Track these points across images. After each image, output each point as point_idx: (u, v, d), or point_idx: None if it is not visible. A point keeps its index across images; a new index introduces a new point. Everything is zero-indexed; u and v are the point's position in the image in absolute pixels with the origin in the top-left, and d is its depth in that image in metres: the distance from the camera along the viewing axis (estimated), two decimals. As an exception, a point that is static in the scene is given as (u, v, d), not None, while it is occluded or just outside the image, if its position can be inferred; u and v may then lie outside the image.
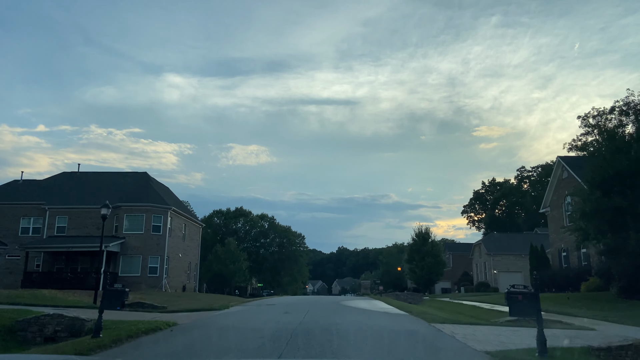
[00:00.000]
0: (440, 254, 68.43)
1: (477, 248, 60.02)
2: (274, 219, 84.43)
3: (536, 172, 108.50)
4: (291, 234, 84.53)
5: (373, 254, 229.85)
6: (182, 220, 48.76)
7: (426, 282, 67.47)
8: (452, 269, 78.58)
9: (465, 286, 59.00)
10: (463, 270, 76.59)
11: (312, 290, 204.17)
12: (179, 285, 47.56)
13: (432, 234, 70.99)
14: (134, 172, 49.88)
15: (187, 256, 50.35)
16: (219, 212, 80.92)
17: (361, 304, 26.30)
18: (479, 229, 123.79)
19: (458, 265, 79.81)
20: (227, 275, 60.54)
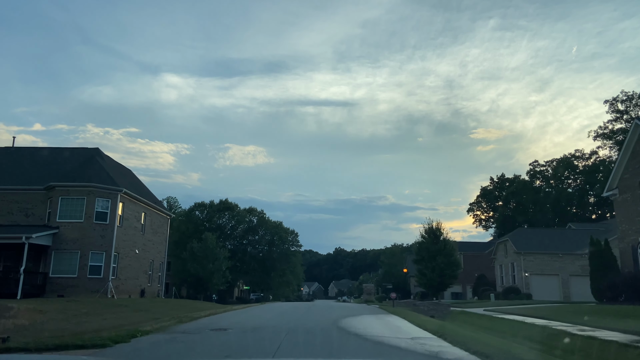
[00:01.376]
0: (454, 253, 58.17)
1: (501, 246, 49.77)
2: (263, 214, 74.24)
3: (550, 167, 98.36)
4: (283, 231, 74.21)
5: (371, 255, 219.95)
6: (141, 207, 38.36)
7: (437, 286, 57.19)
8: (463, 271, 68.45)
9: (485, 291, 48.74)
10: (478, 273, 66.27)
11: (307, 293, 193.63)
12: (134, 289, 37.16)
13: (443, 230, 60.96)
14: (82, 148, 39.49)
15: (149, 253, 39.95)
16: (201, 204, 70.63)
17: (374, 326, 15.96)
18: (486, 228, 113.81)
19: (470, 266, 69.59)
20: (203, 276, 50.20)
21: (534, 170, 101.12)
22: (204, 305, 35.47)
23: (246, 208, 73.28)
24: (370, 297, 42.59)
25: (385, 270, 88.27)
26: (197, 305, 33.44)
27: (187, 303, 35.89)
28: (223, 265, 51.86)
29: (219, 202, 70.36)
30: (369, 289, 43.17)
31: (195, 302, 38.60)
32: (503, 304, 35.00)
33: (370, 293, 43.09)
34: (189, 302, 39.51)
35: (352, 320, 18.00)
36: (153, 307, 27.41)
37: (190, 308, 28.75)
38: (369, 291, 42.87)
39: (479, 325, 20.13)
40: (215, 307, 31.86)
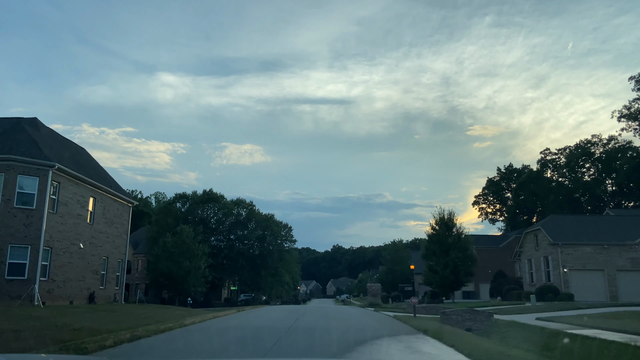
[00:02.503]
0: (470, 247, 50.11)
1: (529, 237, 41.53)
2: (252, 205, 65.82)
3: (563, 155, 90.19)
4: (274, 224, 65.95)
5: (370, 252, 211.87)
6: (88, 191, 30.02)
7: (451, 284, 49.17)
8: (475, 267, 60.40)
9: (510, 290, 40.60)
10: (493, 269, 58.16)
11: (305, 292, 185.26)
12: (78, 293, 28.85)
13: (456, 220, 52.80)
14: (12, 118, 31.00)
15: (101, 248, 31.62)
16: (182, 195, 62.30)
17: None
18: (493, 221, 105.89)
19: (483, 262, 61.41)
20: (178, 276, 41.95)
21: (544, 159, 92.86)
22: (165, 313, 27.17)
23: (233, 199, 65.00)
24: (375, 299, 34.46)
25: (387, 267, 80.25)
26: (151, 313, 25.11)
27: (144, 311, 27.58)
28: (202, 263, 43.58)
29: (202, 192, 62.16)
30: (375, 290, 35.05)
31: (158, 309, 30.29)
32: (550, 308, 26.78)
33: (376, 294, 34.94)
34: (150, 308, 31.21)
35: (364, 351, 9.84)
36: (76, 320, 19.05)
37: (129, 319, 20.48)
38: (374, 292, 34.76)
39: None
40: (169, 317, 23.54)
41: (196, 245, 44.27)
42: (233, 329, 16.69)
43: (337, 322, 18.79)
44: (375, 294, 35.01)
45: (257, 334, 13.98)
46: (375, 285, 35.51)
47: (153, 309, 31.02)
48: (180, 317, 24.13)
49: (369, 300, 34.96)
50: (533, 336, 15.90)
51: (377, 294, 35.04)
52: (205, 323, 19.12)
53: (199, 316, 24.80)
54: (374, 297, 34.87)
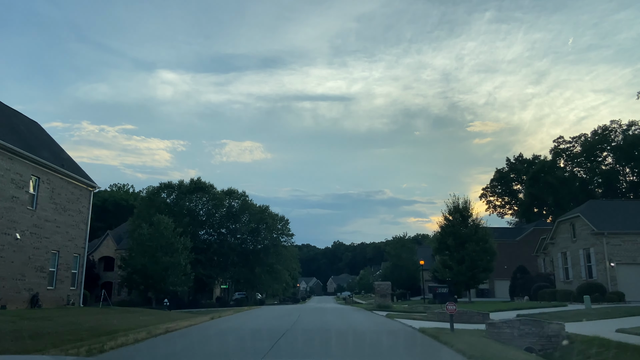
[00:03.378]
0: (489, 239, 44.00)
1: (563, 227, 35.25)
2: (245, 196, 59.64)
3: (578, 143, 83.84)
4: (270, 217, 59.78)
5: (371, 248, 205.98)
6: (29, 168, 23.86)
7: (467, 281, 43.09)
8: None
9: (541, 288, 34.45)
10: (510, 264, 52.09)
11: (305, 289, 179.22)
12: (15, 295, 22.71)
13: (473, 209, 46.66)
14: None
15: (48, 240, 25.48)
16: (167, 185, 56.15)
17: None
18: (502, 215, 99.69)
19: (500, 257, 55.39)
20: (154, 273, 35.84)
21: (558, 148, 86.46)
22: (123, 320, 21.05)
23: (224, 190, 58.78)
24: (385, 299, 28.19)
25: (392, 263, 74.19)
26: (99, 322, 18.94)
27: (94, 318, 21.41)
28: (182, 259, 37.43)
29: (190, 181, 55.90)
30: (384, 289, 28.79)
31: (118, 315, 24.15)
32: (613, 313, 20.62)
33: (386, 294, 28.65)
34: (110, 314, 25.09)
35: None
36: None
37: (52, 333, 14.39)
38: (383, 291, 28.55)
39: None
40: (121, 326, 17.39)
41: (176, 238, 38.12)
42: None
43: (342, 342, 12.64)
44: (384, 293, 28.87)
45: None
46: (384, 284, 29.36)
47: (112, 314, 24.91)
48: (132, 328, 18.03)
49: (377, 302, 28.89)
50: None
51: (387, 293, 28.90)
52: (140, 344, 12.90)
53: (159, 325, 18.65)
54: (383, 297, 28.73)
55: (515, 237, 58.58)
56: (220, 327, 17.29)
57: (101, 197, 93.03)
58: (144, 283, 37.09)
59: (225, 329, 16.87)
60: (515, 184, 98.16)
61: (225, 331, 16.54)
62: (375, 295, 30.18)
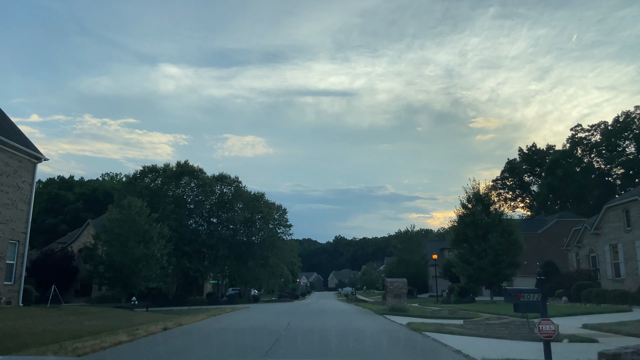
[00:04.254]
0: (515, 230, 37.90)
1: (613, 214, 28.84)
2: (238, 182, 53.45)
3: (598, 131, 77.50)
4: (265, 206, 53.74)
5: (373, 243, 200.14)
6: None
7: (490, 277, 36.99)
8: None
9: (584, 287, 28.37)
10: (534, 259, 46.01)
11: (305, 284, 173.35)
12: None
13: (493, 196, 40.45)
14: None
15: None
16: (152, 169, 49.97)
17: None
18: (513, 208, 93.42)
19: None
20: (122, 266, 29.82)
21: (575, 137, 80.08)
22: (44, 325, 15.06)
23: (215, 175, 52.71)
24: (400, 301, 22.06)
25: (398, 257, 68.13)
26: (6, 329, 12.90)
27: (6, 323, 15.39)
28: (157, 249, 31.32)
29: (176, 164, 49.83)
30: (399, 287, 22.62)
31: (47, 319, 18.17)
32: None
33: (401, 294, 22.52)
34: (39, 316, 19.10)
35: None
36: None
37: None
38: (397, 290, 22.47)
39: None
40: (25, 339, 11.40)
41: (151, 225, 32.07)
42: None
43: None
44: (398, 293, 22.69)
45: None
46: (399, 282, 23.16)
47: (40, 317, 18.91)
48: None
49: (390, 303, 22.71)
50: None
51: (402, 293, 22.69)
52: None
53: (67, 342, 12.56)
54: (398, 298, 22.55)
55: (536, 230, 52.46)
56: (155, 350, 11.25)
57: (91, 187, 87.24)
58: (112, 277, 31.05)
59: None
60: (528, 176, 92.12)
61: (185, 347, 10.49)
62: (388, 294, 24.04)
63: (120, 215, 31.51)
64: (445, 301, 42.06)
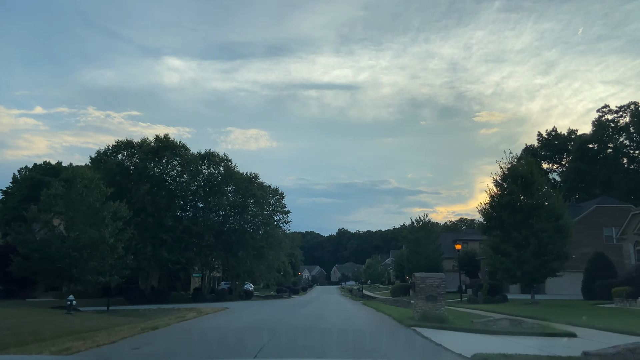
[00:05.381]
0: (564, 213, 30.29)
1: None
2: (228, 160, 45.88)
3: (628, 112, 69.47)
4: (259, 188, 46.22)
5: (377, 236, 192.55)
6: None
7: (534, 272, 29.28)
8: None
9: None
10: (579, 251, 38.28)
11: (307, 278, 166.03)
12: None
13: (535, 173, 32.79)
14: None
15: None
16: (127, 144, 42.48)
17: None
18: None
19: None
20: (59, 255, 22.36)
21: (602, 119, 72.00)
22: None
23: (201, 152, 45.20)
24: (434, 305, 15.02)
25: (409, 249, 60.49)
26: None
27: None
28: (107, 234, 23.78)
29: (154, 138, 42.31)
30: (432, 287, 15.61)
31: None
32: None
33: (437, 297, 15.60)
34: None
35: None
36: None
37: None
38: (431, 290, 15.45)
39: None
40: None
41: (104, 203, 24.56)
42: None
43: None
44: (433, 294, 15.22)
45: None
46: (434, 278, 15.60)
47: None
48: None
49: (420, 308, 15.35)
50: None
51: (438, 295, 15.27)
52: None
53: None
54: (432, 301, 15.11)
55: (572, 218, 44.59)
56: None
57: (80, 172, 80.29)
58: (46, 270, 23.56)
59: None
60: (547, 162, 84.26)
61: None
62: (417, 296, 16.42)
63: (62, 189, 23.97)
64: (471, 300, 34.42)
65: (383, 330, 14.90)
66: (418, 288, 16.28)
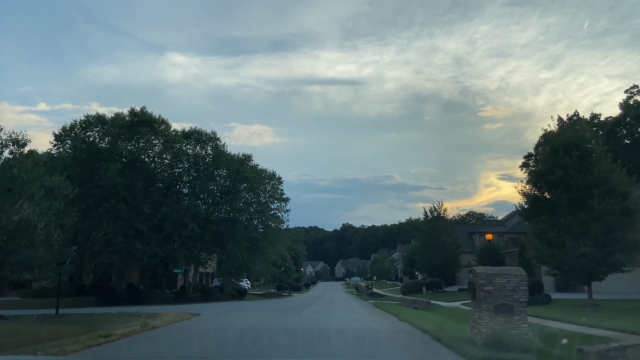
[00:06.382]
0: (631, 191, 23.71)
1: None
2: (216, 139, 39.39)
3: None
4: (253, 171, 39.86)
5: (383, 231, 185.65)
6: None
7: (595, 267, 22.77)
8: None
9: None
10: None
11: (311, 273, 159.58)
12: None
13: (592, 141, 26.24)
14: None
15: None
16: (98, 118, 36.11)
17: None
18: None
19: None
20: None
21: (630, 100, 65.04)
22: None
23: (184, 130, 38.78)
24: (511, 321, 9.05)
25: (422, 242, 54.01)
26: None
27: None
28: (37, 217, 17.27)
29: (129, 112, 35.87)
30: (505, 289, 10.02)
31: None
32: None
33: (515, 305, 9.63)
34: None
35: None
36: None
37: None
38: (504, 295, 9.56)
39: None
40: None
41: (38, 177, 18.19)
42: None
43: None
44: (508, 303, 9.37)
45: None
46: (510, 275, 9.87)
47: None
48: None
49: (485, 325, 9.41)
50: None
51: (518, 303, 9.44)
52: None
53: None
54: (507, 313, 9.19)
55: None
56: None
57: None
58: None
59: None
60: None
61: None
62: (476, 305, 9.79)
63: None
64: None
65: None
66: (481, 292, 9.78)
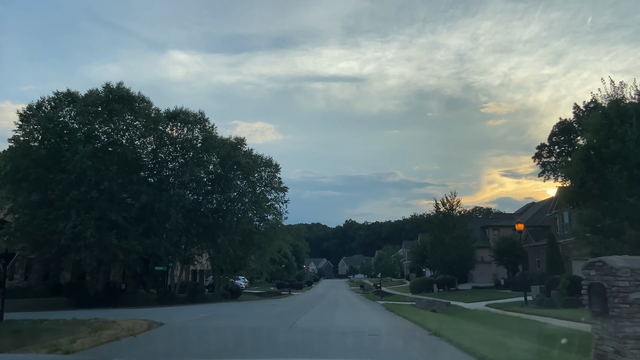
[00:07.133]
0: None
1: None
2: (205, 120, 34.81)
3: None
4: (246, 156, 35.40)
5: (387, 227, 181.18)
6: None
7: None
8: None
9: None
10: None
11: (314, 271, 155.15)
12: None
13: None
14: None
15: None
16: (68, 95, 31.61)
17: None
18: (565, 179, 73.73)
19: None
20: None
21: None
22: None
23: (170, 110, 34.23)
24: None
25: (434, 236, 49.55)
26: None
27: None
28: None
29: (104, 87, 31.31)
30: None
31: None
32: None
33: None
34: None
35: None
36: None
37: None
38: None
39: None
40: None
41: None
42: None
43: None
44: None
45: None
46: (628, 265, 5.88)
47: None
48: None
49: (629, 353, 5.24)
50: None
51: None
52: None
53: None
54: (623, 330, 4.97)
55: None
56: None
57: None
58: None
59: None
60: (583, 139, 72.47)
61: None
62: (603, 325, 5.07)
63: None
64: (544, 302, 23.24)
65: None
66: (624, 303, 4.99)
